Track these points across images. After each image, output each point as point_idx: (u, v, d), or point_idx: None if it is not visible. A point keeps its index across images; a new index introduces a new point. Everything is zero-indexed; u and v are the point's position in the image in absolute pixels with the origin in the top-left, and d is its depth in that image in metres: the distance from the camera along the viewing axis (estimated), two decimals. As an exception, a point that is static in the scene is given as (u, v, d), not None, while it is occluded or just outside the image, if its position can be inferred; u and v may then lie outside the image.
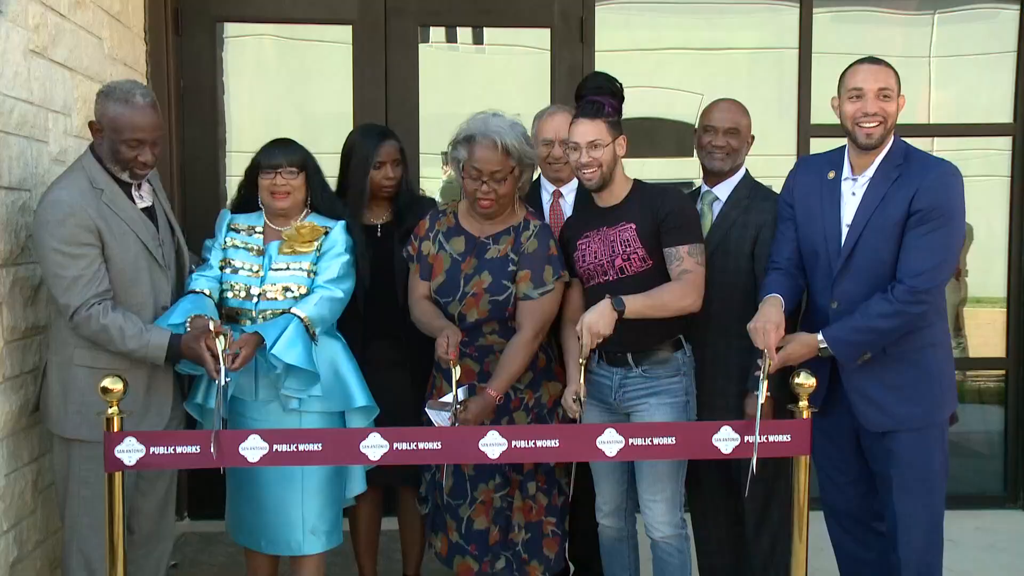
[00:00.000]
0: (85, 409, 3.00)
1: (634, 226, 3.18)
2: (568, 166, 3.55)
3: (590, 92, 3.21)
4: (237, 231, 3.34)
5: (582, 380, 2.98)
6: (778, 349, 3.01)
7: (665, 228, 3.16)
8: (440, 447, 2.85)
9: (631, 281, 3.16)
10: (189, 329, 3.02)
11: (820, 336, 3.08)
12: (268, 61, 5.22)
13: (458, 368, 3.04)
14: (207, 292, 3.19)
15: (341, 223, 3.33)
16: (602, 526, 3.40)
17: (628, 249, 3.17)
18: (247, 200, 3.38)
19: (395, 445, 2.81)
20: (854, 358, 3.10)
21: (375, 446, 2.82)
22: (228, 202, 3.78)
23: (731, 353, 3.36)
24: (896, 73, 3.12)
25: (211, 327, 2.93)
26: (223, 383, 2.88)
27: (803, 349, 3.08)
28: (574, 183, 3.65)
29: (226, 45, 4.95)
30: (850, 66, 3.16)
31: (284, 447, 2.82)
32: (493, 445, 2.82)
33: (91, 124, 3.02)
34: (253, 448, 2.80)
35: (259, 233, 3.33)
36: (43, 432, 3.24)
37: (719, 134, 3.52)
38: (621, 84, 3.26)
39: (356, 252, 3.34)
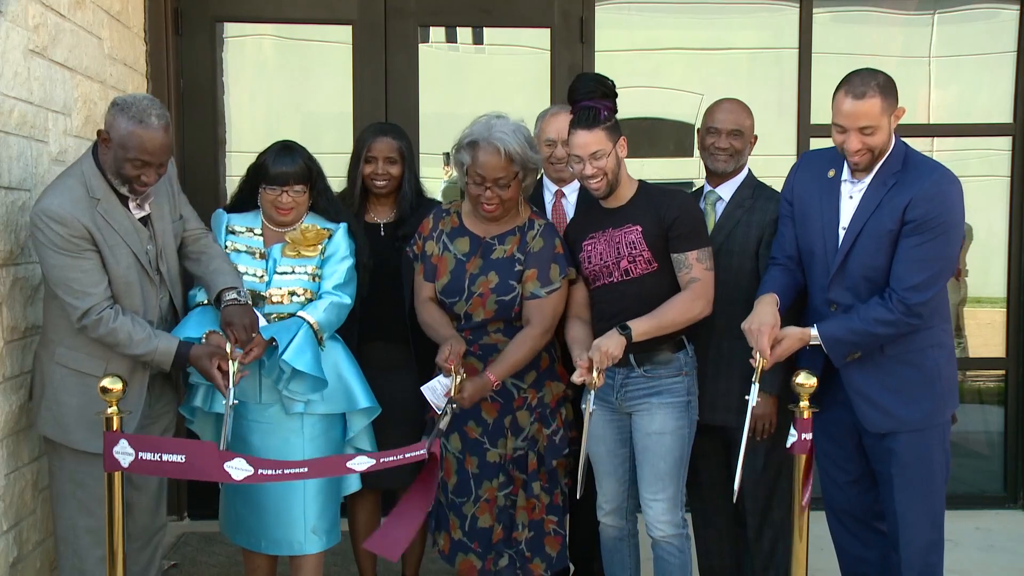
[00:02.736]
0: (56, 408, 3.01)
1: (640, 228, 3.18)
2: (571, 166, 3.56)
3: (582, 97, 3.16)
4: (235, 233, 3.32)
5: (591, 398, 3.04)
6: (775, 347, 3.02)
7: (673, 234, 3.16)
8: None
9: (636, 283, 3.18)
10: (205, 342, 3.02)
11: (814, 332, 3.08)
12: (268, 61, 5.22)
13: (458, 377, 3.05)
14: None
15: (343, 226, 3.33)
16: (603, 525, 3.40)
17: (634, 251, 3.18)
18: (245, 199, 3.36)
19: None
20: (844, 356, 3.10)
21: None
22: (228, 200, 3.76)
23: (735, 353, 3.36)
24: (883, 97, 2.97)
25: (227, 349, 2.94)
26: (231, 404, 2.91)
27: (796, 344, 3.08)
28: (576, 183, 3.64)
29: (226, 45, 4.95)
30: (839, 87, 3.04)
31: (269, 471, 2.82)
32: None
33: (99, 132, 2.97)
34: (238, 468, 2.78)
35: (258, 235, 3.31)
36: (42, 432, 3.24)
37: (722, 135, 3.52)
38: (612, 82, 3.21)
39: (357, 256, 3.33)
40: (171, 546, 4.46)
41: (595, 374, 2.98)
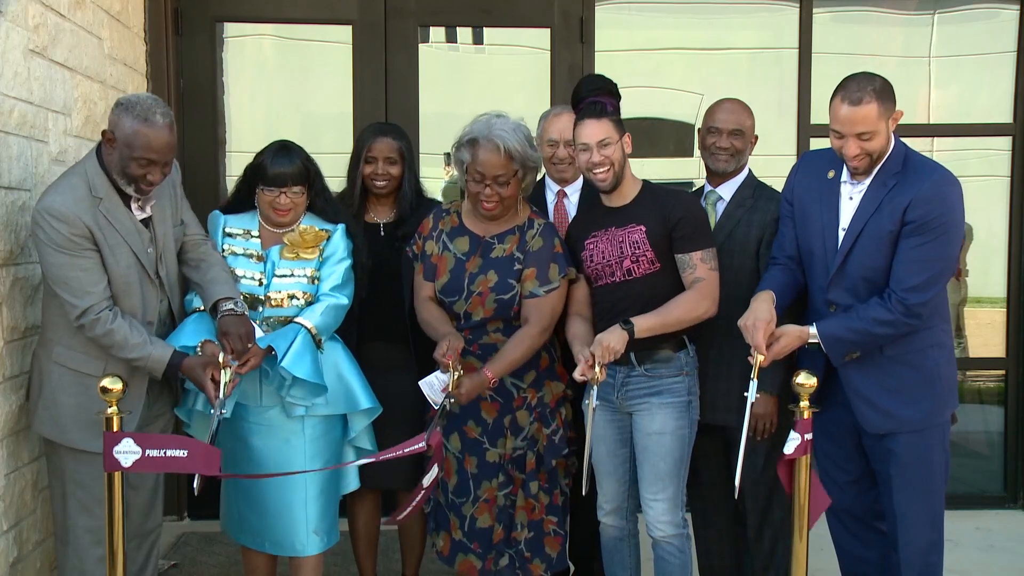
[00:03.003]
0: (53, 408, 3.01)
1: (643, 228, 3.19)
2: (572, 166, 3.55)
3: (588, 93, 3.21)
4: (232, 236, 3.31)
5: (594, 394, 3.05)
6: (772, 344, 3.02)
7: (677, 234, 3.17)
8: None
9: (638, 283, 3.18)
10: (199, 352, 3.02)
11: (813, 330, 3.08)
12: (268, 61, 5.22)
13: (455, 373, 3.05)
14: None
15: (341, 227, 3.32)
16: (603, 525, 3.40)
17: (637, 251, 3.18)
18: (242, 200, 3.35)
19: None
20: (842, 355, 3.10)
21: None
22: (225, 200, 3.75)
23: (736, 353, 3.35)
24: (880, 102, 2.95)
25: (220, 358, 2.93)
26: (220, 413, 2.91)
27: (794, 342, 3.08)
28: (578, 183, 3.65)
29: (226, 45, 4.95)
30: (836, 93, 3.02)
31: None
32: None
33: (104, 133, 2.96)
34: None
35: (255, 237, 3.30)
36: (42, 432, 3.24)
37: (723, 135, 3.52)
38: (616, 84, 3.27)
39: (355, 256, 3.33)
40: (171, 546, 4.46)
41: (597, 369, 2.99)
